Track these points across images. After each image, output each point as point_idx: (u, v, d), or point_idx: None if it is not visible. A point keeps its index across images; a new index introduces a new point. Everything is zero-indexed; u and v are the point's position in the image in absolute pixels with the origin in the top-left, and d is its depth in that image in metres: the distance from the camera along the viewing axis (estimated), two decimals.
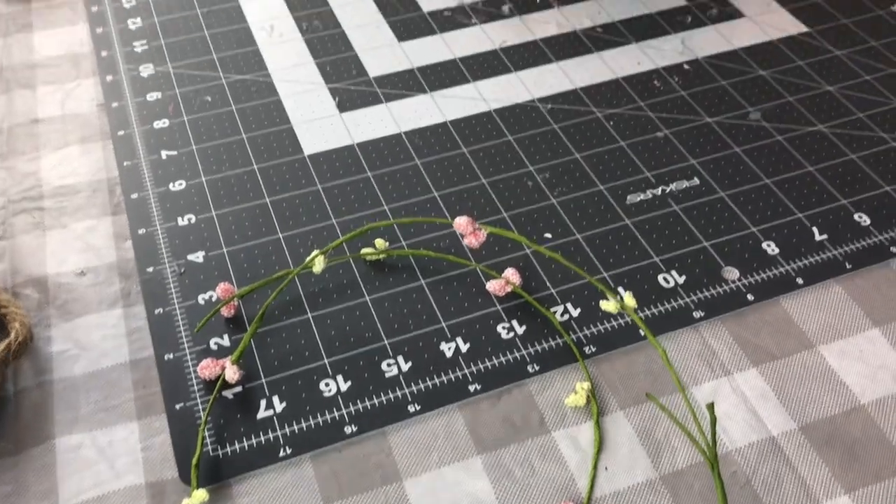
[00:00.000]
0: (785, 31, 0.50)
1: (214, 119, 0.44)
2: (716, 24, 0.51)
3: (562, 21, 0.51)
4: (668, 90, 0.46)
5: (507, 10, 0.52)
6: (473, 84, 0.47)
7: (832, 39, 0.49)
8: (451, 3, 0.52)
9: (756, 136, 0.44)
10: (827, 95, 0.46)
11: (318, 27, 0.50)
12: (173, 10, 0.51)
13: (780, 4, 0.52)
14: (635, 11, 0.52)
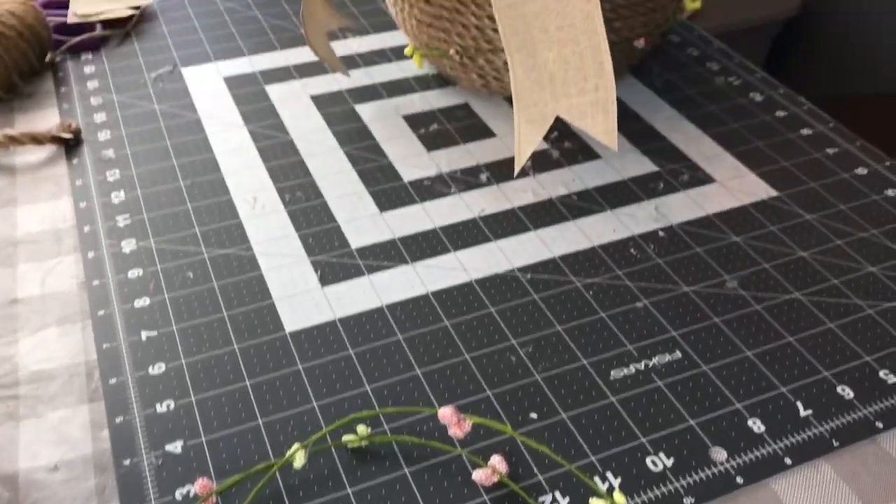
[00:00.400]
0: (756, 196, 0.52)
1: (195, 296, 0.44)
2: (687, 190, 0.52)
3: (538, 189, 0.52)
4: (645, 258, 0.47)
5: (485, 179, 0.53)
6: (454, 254, 0.48)
7: (802, 204, 0.51)
8: (431, 173, 0.54)
9: (734, 306, 0.44)
10: (801, 261, 0.47)
11: (300, 198, 0.51)
12: (157, 182, 0.52)
13: (749, 169, 0.54)
14: (608, 178, 0.53)
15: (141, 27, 0.69)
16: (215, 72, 0.63)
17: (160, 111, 0.59)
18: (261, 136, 0.57)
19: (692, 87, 0.62)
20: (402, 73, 0.64)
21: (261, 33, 0.69)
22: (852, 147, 0.56)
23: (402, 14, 0.59)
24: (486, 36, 0.55)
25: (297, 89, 0.62)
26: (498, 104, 0.60)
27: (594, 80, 0.44)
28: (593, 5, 0.44)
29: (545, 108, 0.46)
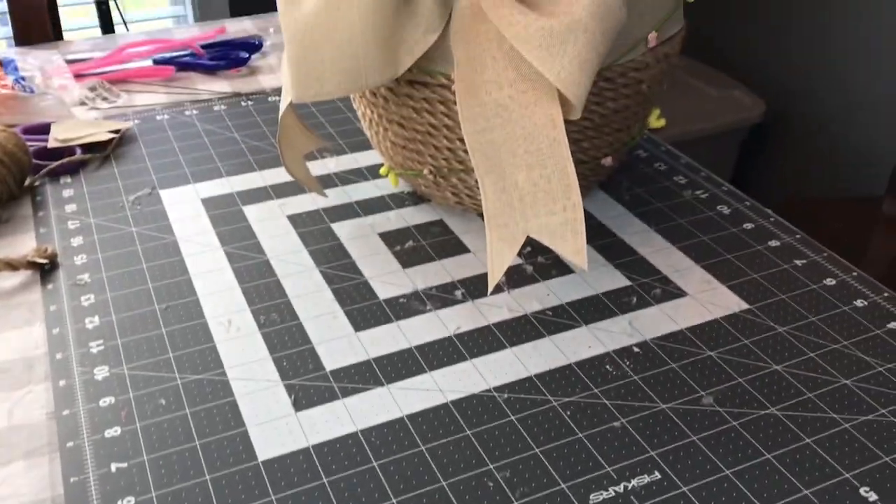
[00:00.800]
0: (728, 309, 0.52)
1: (168, 425, 0.44)
2: (660, 304, 0.53)
3: (513, 305, 0.53)
4: (621, 375, 0.47)
5: (460, 295, 0.53)
6: (430, 374, 0.47)
7: (773, 316, 0.52)
8: (407, 290, 0.54)
9: (711, 423, 0.44)
10: (775, 375, 0.47)
11: (275, 320, 0.51)
12: (132, 306, 0.52)
13: (720, 282, 0.55)
14: (583, 293, 0.54)
15: (120, 150, 0.70)
16: (193, 193, 0.64)
17: (137, 234, 0.59)
18: (237, 258, 0.57)
19: (661, 200, 0.63)
20: (378, 190, 0.65)
21: (239, 155, 0.70)
22: (819, 258, 0.57)
23: (377, 136, 0.61)
24: (458, 157, 0.56)
25: (274, 209, 0.63)
26: (471, 220, 0.61)
27: (562, 202, 0.45)
28: (558, 131, 0.45)
29: (516, 229, 0.47)
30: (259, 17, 1.00)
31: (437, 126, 0.55)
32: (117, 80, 0.82)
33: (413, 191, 0.65)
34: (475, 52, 0.48)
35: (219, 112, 0.77)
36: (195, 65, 0.85)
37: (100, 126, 0.72)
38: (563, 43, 0.44)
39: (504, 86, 0.47)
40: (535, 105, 0.46)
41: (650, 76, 0.56)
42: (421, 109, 0.55)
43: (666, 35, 0.56)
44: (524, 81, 0.46)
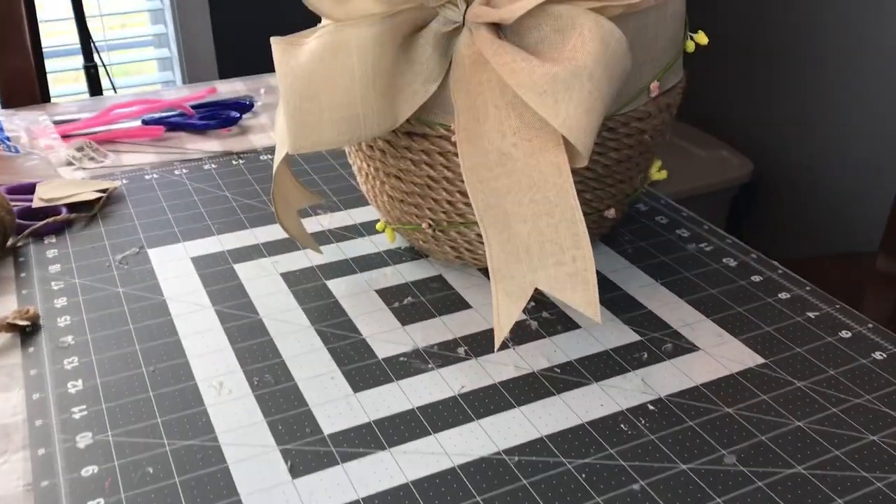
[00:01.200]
0: (742, 364, 0.50)
1: (155, 495, 0.41)
2: (672, 360, 0.50)
3: (519, 362, 0.50)
4: (637, 434, 0.45)
5: (463, 353, 0.51)
6: (434, 436, 0.45)
7: (790, 370, 0.49)
8: (407, 348, 0.52)
9: (735, 484, 0.41)
10: (798, 432, 0.45)
11: (269, 381, 0.49)
12: (118, 369, 0.50)
13: (733, 336, 0.53)
14: (591, 349, 0.51)
15: (108, 210, 0.68)
16: (183, 252, 0.62)
17: (124, 294, 0.57)
18: (229, 317, 0.55)
19: (665, 253, 0.62)
20: (374, 247, 0.63)
21: (230, 213, 0.68)
22: (832, 310, 0.55)
23: (373, 191, 0.59)
24: (457, 210, 0.55)
25: (267, 267, 0.60)
26: (472, 275, 0.59)
27: (571, 252, 0.44)
28: (565, 178, 0.44)
29: (523, 281, 0.45)
30: (250, 78, 1.00)
31: (436, 178, 0.54)
32: (105, 140, 0.81)
33: (410, 246, 0.63)
34: (477, 100, 0.46)
35: (209, 171, 0.75)
36: (185, 125, 0.83)
37: (86, 185, 0.70)
38: (567, 89, 0.42)
39: (507, 134, 0.45)
40: (540, 153, 0.44)
41: (652, 126, 0.55)
42: (420, 161, 0.53)
43: (667, 85, 0.55)
44: (528, 129, 0.45)
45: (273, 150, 0.79)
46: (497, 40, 0.45)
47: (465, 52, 0.47)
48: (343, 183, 0.73)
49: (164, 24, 1.57)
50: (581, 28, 0.43)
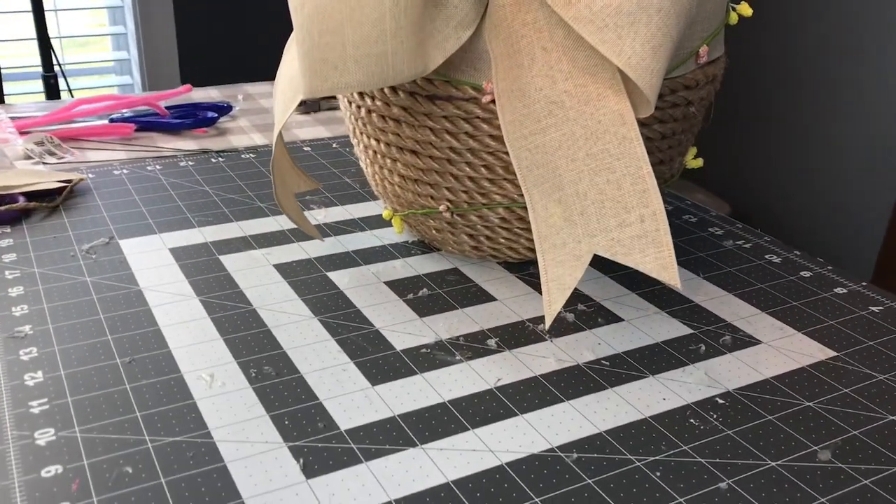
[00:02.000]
0: (812, 357, 0.44)
1: (136, 498, 0.33)
2: (734, 353, 0.44)
3: (560, 354, 0.43)
4: (711, 430, 0.38)
5: (495, 345, 0.44)
6: (473, 432, 0.37)
7: (868, 363, 0.43)
8: (429, 340, 0.44)
9: (837, 482, 0.35)
10: (894, 426, 0.38)
11: (270, 373, 0.41)
12: (86, 360, 0.41)
13: (795, 329, 0.47)
14: (639, 342, 0.45)
15: (72, 202, 0.61)
16: (159, 243, 0.54)
17: (92, 283, 0.49)
18: (216, 307, 0.47)
19: (702, 250, 0.56)
20: (378, 240, 0.56)
21: (212, 206, 0.61)
22: (895, 304, 0.50)
23: (381, 172, 0.53)
24: (480, 188, 0.48)
25: (258, 258, 0.53)
26: (492, 269, 0.52)
27: (638, 211, 0.37)
28: (629, 127, 0.38)
29: (577, 248, 0.38)
30: (226, 86, 0.93)
31: (458, 151, 0.47)
32: (67, 137, 0.73)
33: (419, 240, 0.56)
34: (520, 44, 0.40)
35: (186, 167, 0.68)
36: (157, 124, 0.76)
37: (47, 176, 0.62)
38: (633, 23, 0.37)
39: (559, 80, 0.39)
40: (597, 100, 0.38)
41: (699, 98, 0.49)
42: (441, 130, 0.47)
43: (714, 55, 0.50)
44: (583, 74, 0.39)
45: (254, 149, 0.72)
46: None
47: None
48: (335, 180, 0.66)
49: (128, 50, 1.51)
50: None
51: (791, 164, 1.62)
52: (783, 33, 1.59)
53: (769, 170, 1.67)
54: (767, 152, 1.67)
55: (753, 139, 1.69)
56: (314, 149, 0.73)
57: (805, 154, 1.59)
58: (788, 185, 1.63)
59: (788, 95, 1.60)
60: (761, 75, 1.64)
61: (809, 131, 1.58)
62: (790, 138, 1.61)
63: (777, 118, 1.63)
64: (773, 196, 1.67)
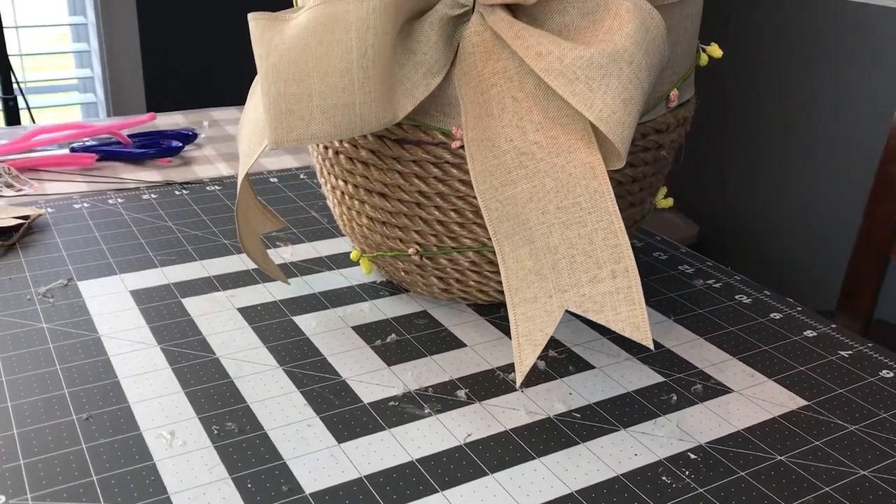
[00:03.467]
0: (783, 406, 0.44)
1: None
2: (706, 402, 0.44)
3: (531, 406, 0.43)
4: (683, 488, 0.37)
5: (464, 396, 0.43)
6: (442, 494, 0.36)
7: (839, 413, 0.43)
8: (397, 391, 0.43)
9: None
10: (866, 482, 0.38)
11: (233, 431, 0.40)
12: (41, 417, 0.40)
13: (766, 376, 0.46)
14: (611, 392, 0.44)
15: (29, 239, 0.59)
16: (120, 285, 0.53)
17: (48, 330, 0.47)
18: (178, 356, 0.46)
19: (672, 290, 0.56)
20: (346, 280, 0.55)
21: (175, 244, 0.59)
22: (865, 349, 0.49)
23: (349, 213, 0.52)
24: (450, 231, 0.47)
25: (221, 301, 0.52)
26: (461, 311, 0.52)
27: (609, 267, 0.37)
28: (600, 181, 0.37)
29: (549, 303, 0.38)
30: (191, 111, 0.91)
31: (427, 195, 0.47)
32: (26, 168, 0.71)
33: (388, 280, 0.55)
34: (490, 93, 0.40)
35: (148, 201, 0.67)
36: (120, 153, 0.74)
37: (3, 212, 0.60)
38: (604, 77, 0.36)
39: (529, 131, 0.39)
40: (568, 152, 0.38)
41: (669, 141, 0.49)
42: (410, 174, 0.46)
43: (684, 97, 0.50)
44: (554, 125, 0.38)
45: (220, 181, 0.71)
46: (518, 22, 0.38)
47: (474, 39, 0.41)
48: (303, 214, 0.65)
49: (91, 68, 1.48)
50: (617, 9, 0.37)
51: (759, 183, 1.64)
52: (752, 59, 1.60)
53: (737, 189, 1.69)
54: (735, 171, 1.68)
55: (722, 157, 1.70)
56: (281, 180, 0.72)
57: (773, 173, 1.61)
58: (757, 204, 1.65)
59: (762, 118, 1.62)
60: (737, 98, 1.66)
61: (783, 154, 1.60)
62: (758, 156, 1.63)
63: (745, 136, 1.65)
64: (743, 215, 1.69)
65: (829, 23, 1.46)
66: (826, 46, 1.50)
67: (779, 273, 1.64)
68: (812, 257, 1.60)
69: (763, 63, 1.58)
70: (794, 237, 1.62)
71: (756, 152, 1.64)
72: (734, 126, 1.68)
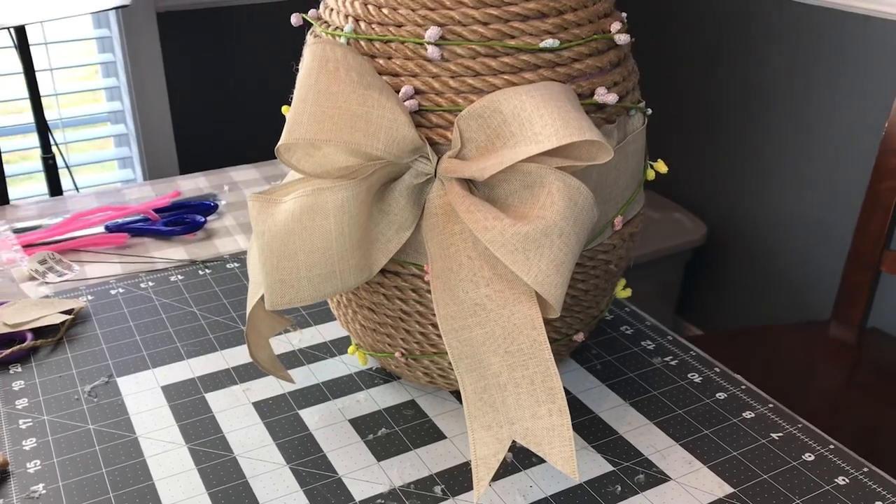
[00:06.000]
0: (712, 494, 0.51)
1: None
2: (645, 492, 0.52)
3: (496, 500, 0.51)
4: None
5: (440, 492, 0.52)
6: None
7: (758, 500, 0.51)
8: (384, 489, 0.52)
9: None
10: None
11: None
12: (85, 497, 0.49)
13: (702, 462, 0.54)
14: (565, 483, 0.52)
15: (74, 331, 0.68)
16: (153, 380, 0.62)
17: (94, 432, 0.56)
18: (203, 457, 0.54)
19: (632, 369, 0.63)
20: (346, 368, 0.63)
21: (198, 332, 0.68)
22: (795, 430, 0.57)
23: (345, 317, 0.60)
24: (430, 340, 0.55)
25: (238, 395, 0.60)
26: (444, 399, 0.60)
27: (547, 405, 0.45)
28: (538, 331, 0.45)
29: (500, 432, 0.46)
30: (213, 172, 1.00)
31: (408, 312, 0.55)
32: (67, 249, 0.80)
33: (382, 367, 0.63)
34: (450, 250, 0.47)
35: (175, 283, 0.75)
36: (149, 230, 0.83)
37: (51, 306, 0.69)
38: (538, 247, 0.44)
39: (481, 285, 0.46)
40: (513, 304, 0.46)
41: (617, 256, 0.56)
42: (392, 296, 0.54)
43: (630, 215, 0.57)
44: (501, 281, 0.46)
45: (237, 257, 0.80)
46: (469, 196, 0.46)
47: (437, 201, 0.48)
48: None
49: (125, 124, 1.58)
50: (549, 186, 0.45)
51: (766, 187, 1.68)
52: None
53: (747, 191, 1.74)
54: (746, 173, 1.73)
55: (733, 157, 1.75)
56: None
57: (778, 177, 1.65)
58: (765, 202, 1.70)
59: (770, 118, 1.66)
60: (746, 98, 1.70)
61: (791, 154, 1.64)
62: (766, 160, 1.67)
63: (759, 140, 1.70)
64: (749, 218, 1.74)
65: (827, 34, 1.50)
66: (824, 57, 1.53)
67: (787, 273, 1.70)
68: (810, 266, 1.65)
69: (769, 70, 1.62)
70: (797, 243, 1.67)
71: (764, 156, 1.69)
72: (743, 129, 1.72)
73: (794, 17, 1.56)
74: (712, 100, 1.79)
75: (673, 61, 1.85)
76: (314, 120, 0.44)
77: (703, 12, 1.76)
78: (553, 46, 0.48)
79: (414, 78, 0.48)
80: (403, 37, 0.48)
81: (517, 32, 0.48)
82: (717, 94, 1.77)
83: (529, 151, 0.45)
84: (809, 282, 1.66)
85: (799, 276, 1.68)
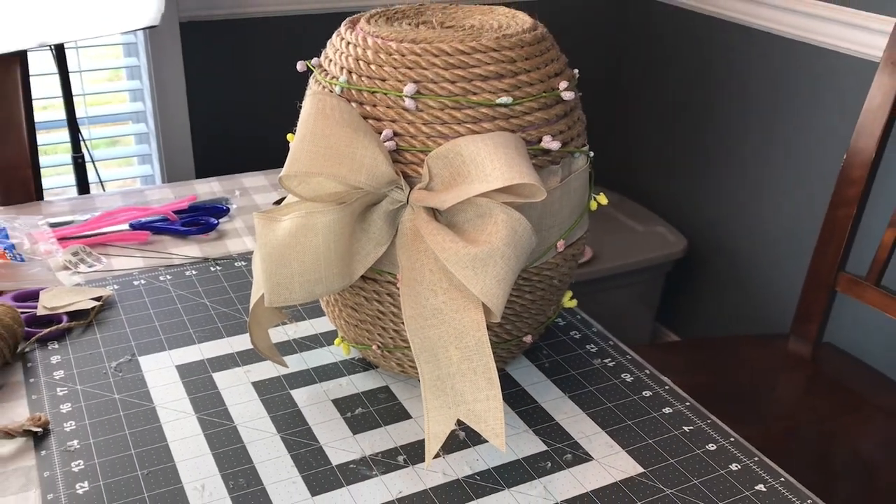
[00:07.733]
0: (626, 473, 0.62)
1: None
2: (571, 468, 0.63)
3: (447, 469, 0.62)
4: None
5: (402, 461, 0.63)
6: None
7: (663, 479, 0.62)
8: (356, 456, 0.63)
9: None
10: None
11: (242, 485, 0.60)
12: (117, 472, 0.60)
13: (622, 447, 0.65)
14: (506, 458, 0.63)
15: (102, 316, 0.79)
16: (168, 360, 0.73)
17: (119, 401, 0.68)
18: (208, 424, 0.66)
19: (575, 368, 0.74)
20: (332, 356, 0.75)
21: (209, 321, 0.79)
22: (704, 425, 0.68)
23: (332, 313, 0.71)
24: (402, 336, 0.67)
25: (240, 376, 0.72)
26: (413, 386, 0.71)
27: (486, 392, 0.56)
28: (482, 333, 0.56)
29: (448, 413, 0.57)
30: (226, 178, 1.11)
31: (384, 312, 0.66)
32: (97, 244, 0.92)
33: (363, 357, 0.75)
34: (416, 264, 0.59)
35: (190, 277, 0.87)
36: (168, 229, 0.95)
37: (83, 293, 0.81)
38: (484, 266, 0.55)
39: (439, 293, 0.58)
40: (464, 310, 0.57)
41: (560, 273, 0.67)
42: (371, 299, 0.65)
43: (573, 238, 0.68)
44: (455, 290, 0.57)
45: (244, 257, 0.91)
46: (433, 221, 0.57)
47: (408, 224, 0.59)
48: None
49: (146, 124, 1.70)
50: (495, 217, 0.56)
51: (744, 199, 1.79)
52: None
53: (726, 206, 1.84)
54: (727, 188, 1.83)
55: (714, 173, 1.85)
56: None
57: (759, 191, 1.76)
58: (741, 219, 1.80)
59: (752, 135, 1.76)
60: (728, 113, 1.81)
61: (771, 171, 1.75)
62: (743, 176, 1.78)
63: (732, 155, 1.80)
64: (727, 233, 1.84)
65: (802, 65, 1.60)
66: (800, 91, 1.64)
67: (757, 288, 1.80)
68: (777, 281, 1.75)
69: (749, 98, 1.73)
70: (767, 259, 1.77)
71: (742, 177, 1.79)
72: (724, 151, 1.83)
73: (771, 48, 1.67)
74: (696, 125, 1.89)
75: (659, 86, 1.96)
76: (310, 157, 0.55)
77: (684, 41, 1.87)
78: (507, 103, 0.59)
79: (393, 123, 0.60)
80: (386, 89, 0.59)
81: (478, 90, 0.59)
82: (699, 121, 1.88)
83: (481, 188, 0.56)
84: (775, 296, 1.77)
85: (766, 290, 1.79)
